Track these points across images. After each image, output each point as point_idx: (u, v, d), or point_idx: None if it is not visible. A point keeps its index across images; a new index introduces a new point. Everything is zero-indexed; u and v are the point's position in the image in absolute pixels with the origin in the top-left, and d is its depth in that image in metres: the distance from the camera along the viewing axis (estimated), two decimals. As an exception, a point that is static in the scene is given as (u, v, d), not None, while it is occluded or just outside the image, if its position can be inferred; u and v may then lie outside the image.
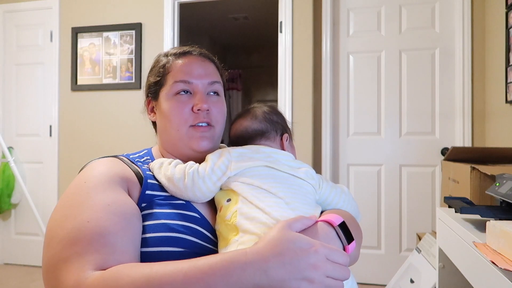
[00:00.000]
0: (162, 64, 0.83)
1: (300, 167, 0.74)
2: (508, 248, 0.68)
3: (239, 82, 5.43)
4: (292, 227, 0.58)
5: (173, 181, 0.70)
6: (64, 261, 0.56)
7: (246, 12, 4.15)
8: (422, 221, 2.43)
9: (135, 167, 0.75)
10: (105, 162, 0.73)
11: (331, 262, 0.55)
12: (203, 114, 0.78)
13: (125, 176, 0.70)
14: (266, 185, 0.68)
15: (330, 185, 0.77)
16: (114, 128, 2.80)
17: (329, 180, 0.80)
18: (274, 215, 0.63)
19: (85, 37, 2.85)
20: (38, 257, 2.89)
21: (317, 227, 0.62)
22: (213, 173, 0.70)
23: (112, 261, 0.56)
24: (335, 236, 0.62)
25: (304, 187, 0.72)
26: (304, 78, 2.53)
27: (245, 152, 0.74)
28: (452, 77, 2.41)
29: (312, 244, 0.55)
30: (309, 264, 0.53)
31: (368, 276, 2.50)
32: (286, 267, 0.52)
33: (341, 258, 0.56)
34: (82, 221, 0.59)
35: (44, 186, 2.92)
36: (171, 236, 0.64)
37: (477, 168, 1.27)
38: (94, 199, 0.63)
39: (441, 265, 1.21)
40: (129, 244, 0.60)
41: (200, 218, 0.69)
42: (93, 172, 0.70)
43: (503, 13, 2.07)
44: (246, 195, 0.67)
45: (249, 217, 0.63)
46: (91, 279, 0.53)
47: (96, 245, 0.57)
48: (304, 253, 0.53)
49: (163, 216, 0.66)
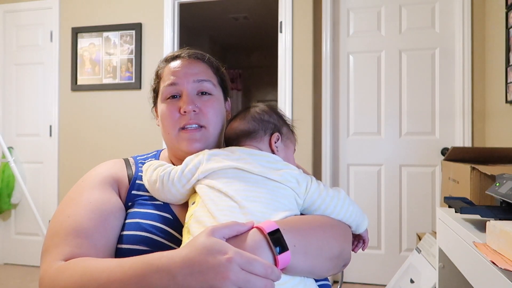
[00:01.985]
0: (156, 71, 0.87)
1: (280, 169, 0.70)
2: (508, 248, 0.68)
3: (239, 82, 5.44)
4: (217, 233, 0.54)
5: (151, 183, 0.73)
6: (45, 251, 0.64)
7: (246, 12, 4.15)
8: (422, 221, 2.43)
9: (134, 168, 0.80)
10: (108, 163, 0.80)
11: (245, 272, 0.50)
12: (190, 116, 0.78)
13: (117, 177, 0.76)
14: (226, 188, 0.65)
15: (321, 188, 0.72)
16: (114, 128, 2.80)
17: (322, 183, 0.74)
18: (220, 219, 0.60)
19: (85, 37, 2.85)
20: (38, 257, 2.88)
21: (248, 235, 0.57)
22: (183, 176, 0.71)
23: (79, 254, 0.62)
24: (265, 245, 0.56)
25: (278, 191, 0.67)
26: (304, 78, 2.53)
27: (218, 154, 0.73)
28: (452, 77, 2.41)
29: (226, 252, 0.51)
30: (218, 272, 0.49)
31: (368, 276, 2.50)
32: (194, 275, 0.50)
33: (259, 269, 0.51)
34: (64, 216, 0.67)
35: (44, 186, 2.92)
36: (141, 235, 0.67)
37: (477, 168, 1.27)
38: (82, 197, 0.70)
39: (441, 265, 1.21)
40: (100, 239, 0.65)
41: (172, 220, 0.71)
42: (92, 172, 0.77)
43: (503, 13, 2.07)
44: (204, 198, 0.65)
45: (198, 220, 0.62)
46: (54, 268, 0.60)
47: (69, 238, 0.63)
48: (215, 261, 0.50)
49: (138, 216, 0.71)
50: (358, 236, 0.80)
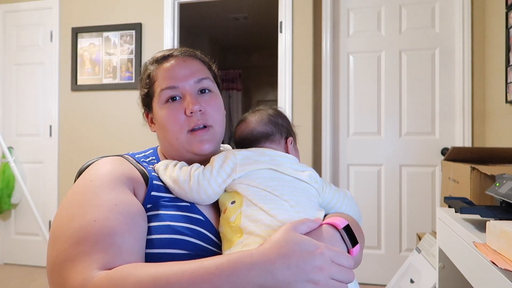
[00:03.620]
0: (147, 74, 0.82)
1: (304, 171, 0.75)
2: (508, 248, 0.68)
3: (239, 82, 5.43)
4: (298, 229, 0.58)
5: (179, 183, 0.70)
6: (71, 260, 0.56)
7: (246, 12, 4.15)
8: (422, 221, 2.43)
9: (141, 167, 0.74)
10: (111, 161, 0.73)
11: (336, 264, 0.55)
12: (197, 116, 0.76)
13: (131, 176, 0.70)
14: (271, 187, 0.68)
15: (333, 189, 0.78)
16: (114, 128, 2.80)
17: (331, 184, 0.80)
18: (279, 218, 0.63)
19: (85, 37, 2.85)
20: (38, 257, 2.90)
21: (322, 230, 0.63)
22: (219, 175, 0.70)
23: (118, 261, 0.56)
24: (340, 239, 0.63)
25: (308, 191, 0.72)
26: (304, 78, 2.53)
27: (250, 155, 0.74)
28: (452, 77, 2.41)
29: (318, 246, 0.55)
30: (315, 266, 0.53)
31: (368, 276, 2.50)
32: (292, 269, 0.52)
33: (345, 261, 0.57)
34: (89, 220, 0.59)
35: (44, 186, 2.92)
36: (175, 238, 0.64)
37: (477, 168, 1.27)
38: (101, 198, 0.63)
39: (441, 265, 1.21)
40: (135, 245, 0.60)
41: (204, 221, 0.69)
42: (99, 171, 0.69)
43: (503, 13, 2.07)
44: (251, 197, 0.67)
45: (253, 219, 0.64)
46: (97, 278, 0.53)
47: (102, 244, 0.57)
48: (310, 255, 0.54)
49: (168, 218, 0.66)
50: None
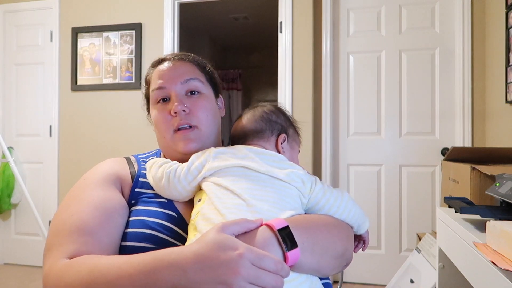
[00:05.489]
0: (145, 77, 0.88)
1: (285, 169, 0.71)
2: (508, 248, 0.68)
3: (239, 82, 5.42)
4: (227, 229, 0.55)
5: (156, 181, 0.73)
6: (48, 249, 0.64)
7: (246, 12, 4.15)
8: (422, 221, 2.43)
9: (136, 167, 0.80)
10: (109, 161, 0.80)
11: (256, 268, 0.51)
12: (180, 117, 0.78)
13: (120, 175, 0.76)
14: (233, 186, 0.66)
15: (325, 189, 0.72)
16: (114, 128, 2.80)
17: (326, 184, 0.75)
18: (228, 217, 0.61)
19: (85, 37, 2.85)
20: (38, 257, 2.89)
21: (257, 232, 0.58)
22: (189, 173, 0.71)
23: (84, 252, 0.62)
24: (275, 242, 0.57)
25: (285, 190, 0.68)
26: (304, 78, 2.53)
27: (225, 152, 0.73)
28: (452, 77, 2.41)
29: (237, 247, 0.52)
30: (229, 268, 0.50)
31: (368, 276, 2.50)
32: (205, 270, 0.50)
33: (270, 265, 0.52)
34: (69, 213, 0.67)
35: (44, 186, 2.92)
36: (145, 233, 0.67)
37: (477, 168, 1.27)
38: (85, 194, 0.70)
39: (441, 265, 1.21)
40: (104, 237, 0.65)
41: (176, 217, 0.71)
42: (95, 170, 0.77)
43: (503, 13, 2.07)
44: (211, 195, 0.66)
45: (206, 217, 0.63)
46: (59, 265, 0.60)
47: (74, 236, 0.63)
48: (226, 256, 0.51)
49: (142, 213, 0.70)
50: (359, 236, 0.81)
